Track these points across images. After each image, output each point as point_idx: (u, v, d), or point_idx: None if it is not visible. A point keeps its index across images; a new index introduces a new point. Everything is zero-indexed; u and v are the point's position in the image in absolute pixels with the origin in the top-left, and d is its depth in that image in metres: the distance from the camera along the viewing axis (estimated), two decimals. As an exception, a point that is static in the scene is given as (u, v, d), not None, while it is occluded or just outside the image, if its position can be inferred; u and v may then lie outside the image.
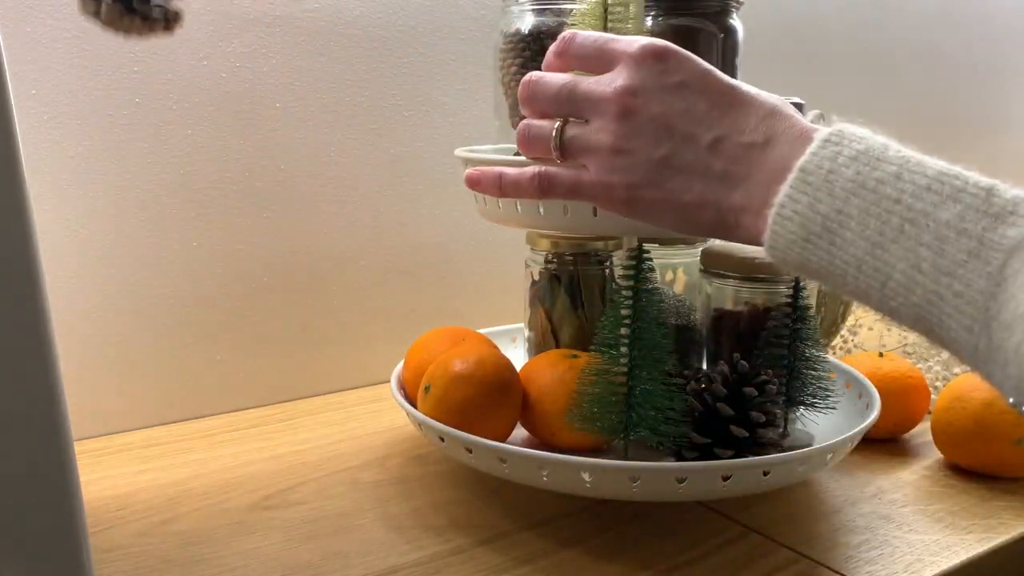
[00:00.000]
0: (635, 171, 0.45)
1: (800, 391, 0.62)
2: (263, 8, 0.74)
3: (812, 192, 0.39)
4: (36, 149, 0.67)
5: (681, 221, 0.45)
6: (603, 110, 0.46)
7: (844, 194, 0.38)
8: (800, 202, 0.39)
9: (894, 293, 0.38)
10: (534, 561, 0.53)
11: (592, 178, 0.47)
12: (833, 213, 0.38)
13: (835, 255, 0.39)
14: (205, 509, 0.60)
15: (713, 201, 0.43)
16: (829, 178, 0.39)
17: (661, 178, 0.44)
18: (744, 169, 0.42)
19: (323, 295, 0.82)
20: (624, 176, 0.45)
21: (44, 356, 0.36)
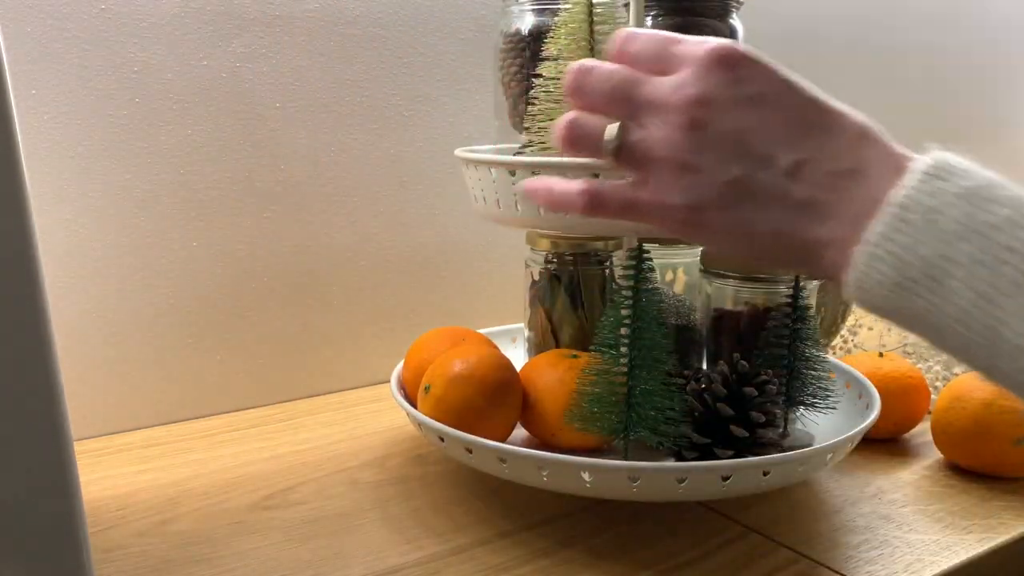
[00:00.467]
0: (701, 192, 0.39)
1: (800, 391, 0.62)
2: (263, 8, 0.74)
3: (912, 232, 0.35)
4: (36, 149, 0.67)
5: (752, 251, 0.41)
6: (668, 119, 0.40)
7: (950, 237, 0.34)
8: (896, 242, 0.35)
9: (1005, 354, 0.33)
10: (534, 561, 0.53)
11: (649, 197, 0.41)
12: (937, 258, 0.34)
13: (935, 304, 0.34)
14: (205, 509, 0.60)
15: (790, 233, 0.39)
16: (932, 217, 0.34)
17: (731, 203, 0.39)
18: (829, 199, 0.37)
19: (323, 295, 0.82)
20: (688, 196, 0.40)
21: (44, 356, 0.36)
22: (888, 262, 0.35)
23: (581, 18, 0.55)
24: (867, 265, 0.36)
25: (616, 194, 0.43)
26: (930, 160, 0.36)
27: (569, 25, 0.55)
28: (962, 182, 0.35)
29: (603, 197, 0.43)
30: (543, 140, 0.57)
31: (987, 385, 0.64)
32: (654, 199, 0.41)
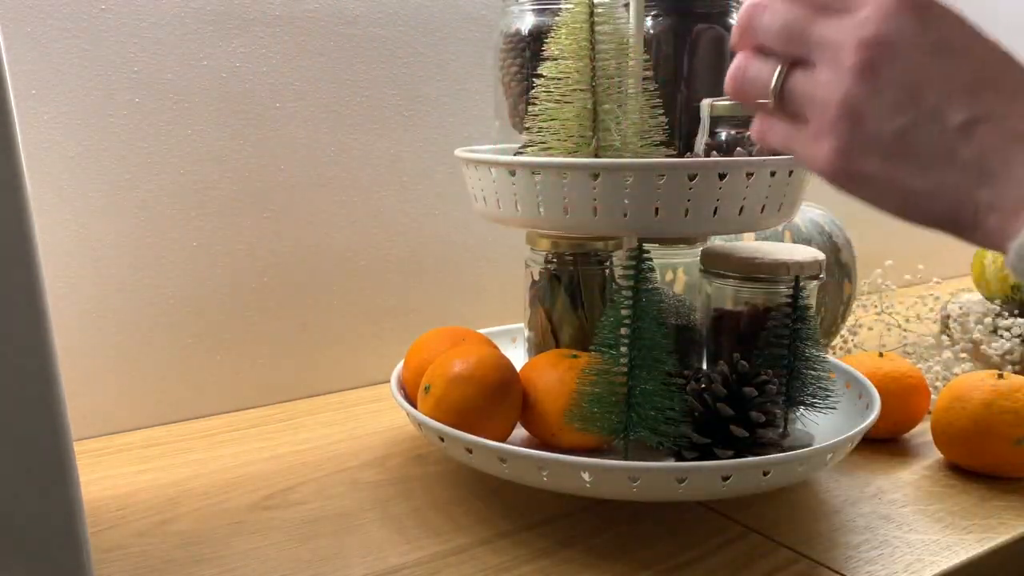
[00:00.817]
0: (859, 139, 0.37)
1: (800, 391, 0.62)
2: (263, 8, 0.74)
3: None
4: (36, 149, 0.67)
5: (904, 207, 0.38)
6: (839, 59, 0.37)
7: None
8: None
9: None
10: (534, 561, 0.53)
11: (807, 136, 0.39)
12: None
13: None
14: (205, 509, 0.60)
15: (952, 193, 0.36)
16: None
17: (892, 155, 0.37)
18: (1001, 162, 0.35)
19: (323, 295, 0.82)
20: (845, 142, 0.38)
21: (44, 356, 0.36)
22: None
23: (582, 18, 0.55)
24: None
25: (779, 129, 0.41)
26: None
27: (570, 25, 0.55)
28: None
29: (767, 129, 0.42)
30: (544, 140, 0.57)
31: (987, 385, 0.64)
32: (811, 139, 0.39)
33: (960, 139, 0.36)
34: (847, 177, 0.39)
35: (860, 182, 0.39)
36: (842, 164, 0.38)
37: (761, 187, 0.56)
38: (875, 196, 0.39)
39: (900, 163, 0.37)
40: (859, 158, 0.38)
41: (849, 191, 0.39)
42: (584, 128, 0.56)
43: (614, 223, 0.56)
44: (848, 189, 0.39)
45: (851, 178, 0.39)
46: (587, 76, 0.55)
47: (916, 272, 1.13)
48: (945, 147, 0.36)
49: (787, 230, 0.83)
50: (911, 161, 0.37)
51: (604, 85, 0.55)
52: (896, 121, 0.37)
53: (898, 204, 0.38)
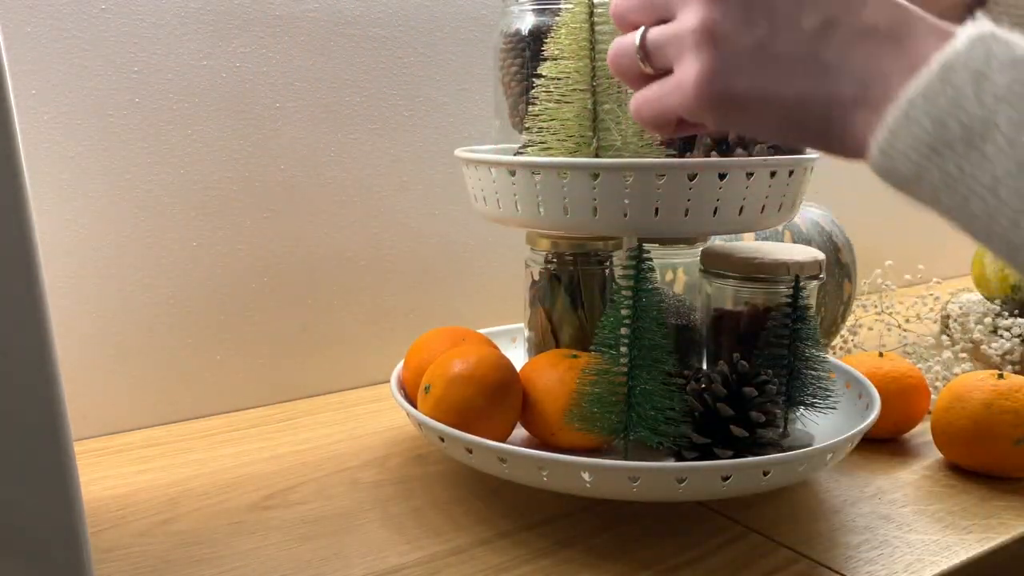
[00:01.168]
0: (721, 58, 0.38)
1: (800, 391, 0.62)
2: (263, 8, 0.74)
3: (954, 94, 0.33)
4: (36, 149, 0.67)
5: (780, 124, 0.38)
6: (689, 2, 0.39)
7: (994, 101, 0.32)
8: (936, 102, 0.33)
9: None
10: (534, 561, 0.53)
11: (674, 78, 0.40)
12: (977, 122, 0.32)
13: (966, 171, 0.33)
14: (205, 509, 0.60)
15: (822, 96, 0.37)
16: (978, 81, 0.32)
17: (755, 67, 0.37)
18: (861, 59, 0.36)
19: (323, 295, 0.82)
20: (708, 63, 0.38)
21: (44, 356, 0.36)
22: (925, 123, 0.33)
23: (582, 18, 0.55)
24: (901, 125, 0.34)
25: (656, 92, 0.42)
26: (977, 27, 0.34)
27: (570, 25, 0.55)
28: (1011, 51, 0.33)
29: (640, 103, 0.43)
30: (544, 140, 0.57)
31: (987, 385, 0.64)
32: (679, 78, 0.40)
33: (819, 41, 0.36)
34: (720, 101, 0.39)
35: (733, 105, 0.39)
36: (712, 88, 0.38)
37: (761, 187, 0.56)
38: (752, 118, 0.39)
39: (766, 75, 0.37)
40: (726, 77, 0.38)
41: (726, 118, 0.40)
42: (584, 128, 0.56)
43: (614, 223, 0.56)
44: (724, 116, 0.39)
45: (724, 101, 0.39)
46: (587, 76, 0.55)
47: (916, 272, 1.13)
48: (806, 51, 0.37)
49: (787, 230, 0.83)
50: (776, 70, 0.37)
51: (604, 85, 0.55)
52: (753, 33, 0.37)
53: (775, 121, 0.38)
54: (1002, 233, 0.33)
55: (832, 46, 0.36)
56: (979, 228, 0.34)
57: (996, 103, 0.32)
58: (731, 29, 0.38)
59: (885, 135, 0.35)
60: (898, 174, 0.35)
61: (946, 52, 0.34)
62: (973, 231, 0.34)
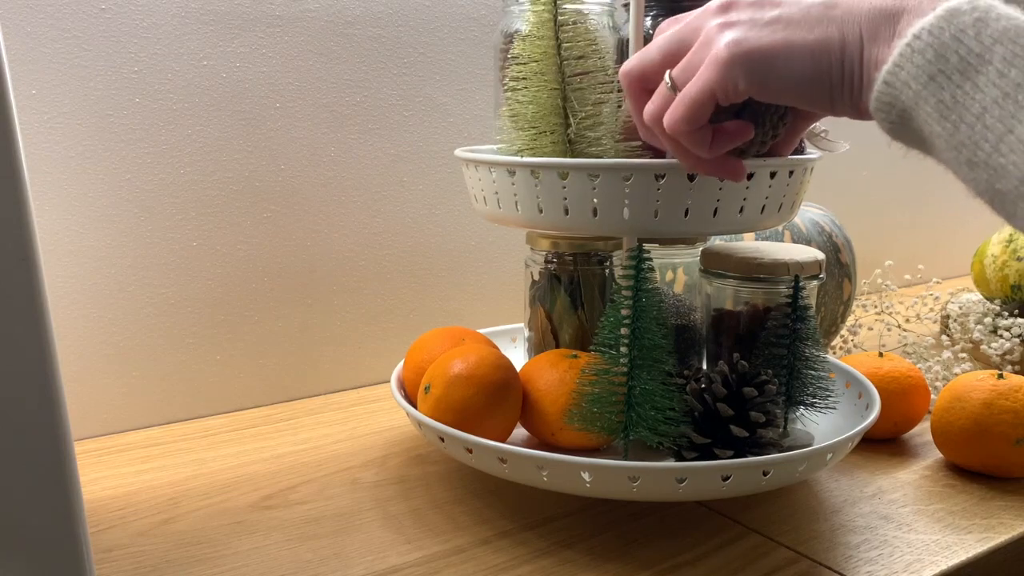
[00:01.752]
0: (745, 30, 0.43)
1: (800, 391, 0.62)
2: (263, 8, 0.74)
3: (955, 30, 0.36)
4: (36, 149, 0.67)
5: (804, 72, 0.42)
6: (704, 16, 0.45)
7: (990, 41, 0.36)
8: (939, 36, 0.37)
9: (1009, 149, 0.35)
10: (534, 561, 0.53)
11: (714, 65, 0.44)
12: (974, 56, 0.36)
13: (959, 100, 0.36)
14: (205, 509, 0.60)
15: (836, 39, 0.41)
16: (978, 23, 0.36)
17: (775, 30, 0.43)
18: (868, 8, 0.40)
19: (323, 295, 0.82)
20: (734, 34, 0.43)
21: (44, 356, 0.36)
22: (928, 54, 0.37)
23: (547, 17, 0.55)
24: (907, 57, 0.38)
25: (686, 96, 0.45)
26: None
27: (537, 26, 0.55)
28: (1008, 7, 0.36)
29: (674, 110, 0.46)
30: (511, 142, 0.57)
31: (987, 385, 0.64)
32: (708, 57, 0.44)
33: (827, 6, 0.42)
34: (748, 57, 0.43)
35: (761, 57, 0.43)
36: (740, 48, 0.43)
37: (761, 187, 0.56)
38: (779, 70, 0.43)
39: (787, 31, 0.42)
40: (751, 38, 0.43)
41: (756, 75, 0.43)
42: (549, 115, 0.56)
43: (614, 223, 0.56)
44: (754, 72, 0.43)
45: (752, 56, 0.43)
46: (554, 69, 0.55)
47: (916, 272, 1.13)
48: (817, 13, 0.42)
49: (787, 230, 0.83)
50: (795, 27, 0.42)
51: (572, 82, 0.56)
52: (769, 13, 0.43)
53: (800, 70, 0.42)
54: (984, 158, 0.36)
55: (839, 6, 0.41)
56: (964, 157, 0.37)
57: (992, 42, 0.36)
58: (746, 16, 0.43)
59: (890, 67, 0.38)
60: (900, 106, 0.39)
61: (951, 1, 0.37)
62: (958, 161, 0.38)
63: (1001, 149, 0.35)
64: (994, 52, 0.36)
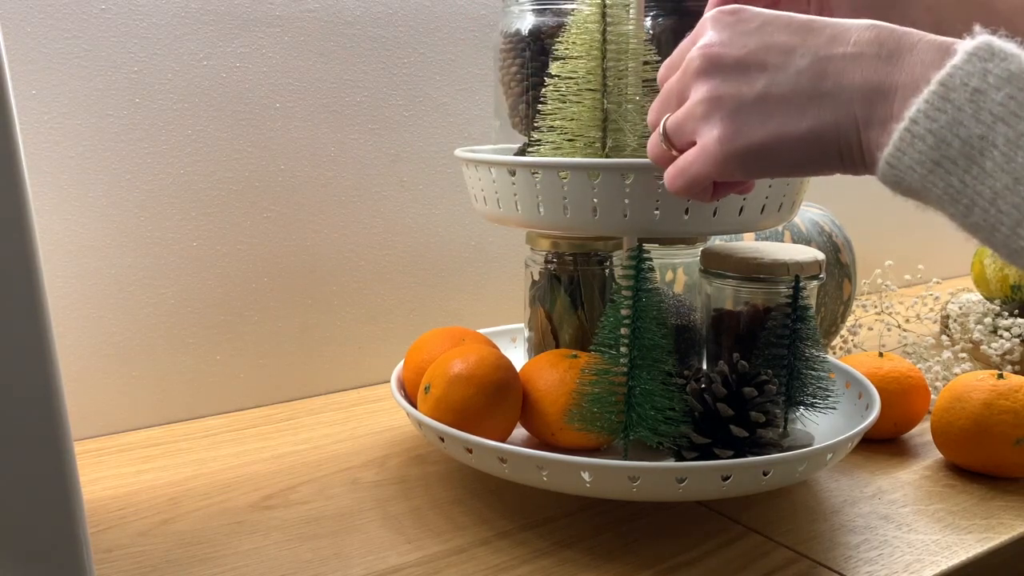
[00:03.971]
0: (734, 118, 0.41)
1: (800, 391, 0.62)
2: (263, 8, 0.74)
3: (954, 111, 0.35)
4: (36, 149, 0.67)
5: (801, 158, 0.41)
6: (690, 75, 0.43)
7: (991, 119, 0.34)
8: (937, 120, 0.35)
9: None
10: (534, 561, 0.53)
11: (698, 147, 0.43)
12: (976, 139, 0.34)
13: (969, 185, 0.35)
14: (205, 509, 0.60)
15: (830, 124, 0.39)
16: (976, 98, 0.35)
17: (764, 116, 0.40)
18: (860, 83, 0.38)
19: (323, 295, 0.82)
20: (724, 127, 0.41)
21: (44, 356, 0.36)
22: (928, 140, 0.35)
23: (594, 18, 0.55)
24: (906, 142, 0.36)
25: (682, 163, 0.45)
26: (976, 42, 0.36)
27: (582, 25, 0.55)
28: (1008, 65, 0.35)
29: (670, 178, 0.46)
30: (552, 140, 0.57)
31: (987, 385, 0.64)
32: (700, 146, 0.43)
33: (815, 76, 0.39)
34: (742, 155, 0.42)
35: (755, 154, 0.41)
36: (733, 146, 0.41)
37: (761, 187, 0.56)
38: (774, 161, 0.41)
39: (776, 118, 0.40)
40: (742, 133, 0.41)
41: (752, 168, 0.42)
42: (594, 128, 0.56)
43: (614, 223, 0.56)
44: (749, 166, 0.42)
45: (745, 154, 0.41)
46: (598, 76, 0.55)
47: (916, 272, 1.13)
48: (807, 87, 0.39)
49: (787, 230, 0.83)
50: (784, 112, 0.40)
51: (614, 85, 0.55)
52: (754, 87, 0.41)
53: (796, 157, 0.41)
54: (1003, 240, 0.35)
55: (828, 78, 0.39)
56: (983, 236, 0.36)
57: (994, 121, 0.34)
58: (733, 90, 0.41)
59: (891, 151, 0.37)
60: (906, 186, 0.37)
61: (945, 69, 0.35)
62: (978, 237, 0.37)
63: (1020, 232, 0.34)
64: (996, 133, 0.34)
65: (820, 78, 0.39)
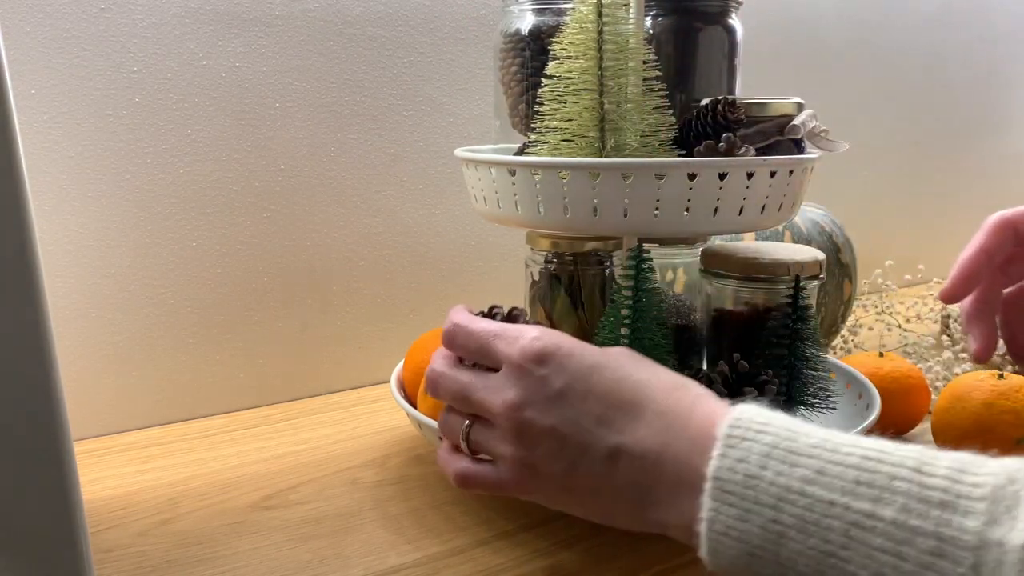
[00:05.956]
0: (546, 486, 0.44)
1: (800, 391, 0.61)
2: (263, 8, 0.74)
3: (737, 503, 0.36)
4: (36, 149, 0.67)
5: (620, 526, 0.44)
6: (498, 423, 0.45)
7: (772, 500, 0.36)
8: (728, 515, 0.37)
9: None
10: (533, 561, 0.53)
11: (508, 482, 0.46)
12: (769, 524, 0.36)
13: (787, 567, 0.36)
14: (205, 509, 0.60)
15: (634, 518, 0.42)
16: (750, 484, 0.36)
17: (572, 494, 0.43)
18: (652, 482, 0.40)
19: (323, 295, 0.82)
20: (537, 486, 0.45)
21: (44, 356, 0.36)
22: (731, 536, 0.37)
23: (591, 18, 0.54)
24: (714, 542, 0.37)
25: (482, 478, 0.47)
26: (730, 418, 0.38)
27: (578, 25, 0.55)
28: (763, 438, 0.37)
29: (472, 481, 0.48)
30: (549, 140, 0.57)
31: (987, 385, 0.64)
32: (515, 486, 0.46)
33: (611, 468, 0.41)
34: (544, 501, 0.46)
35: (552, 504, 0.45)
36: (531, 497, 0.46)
37: (761, 187, 0.56)
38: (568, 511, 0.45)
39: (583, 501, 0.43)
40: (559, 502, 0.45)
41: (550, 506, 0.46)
42: (591, 128, 0.56)
43: (614, 223, 0.56)
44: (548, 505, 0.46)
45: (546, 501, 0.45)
46: (595, 75, 0.55)
47: (916, 272, 1.13)
48: (604, 479, 0.42)
49: (787, 230, 0.83)
50: (586, 495, 0.43)
51: (612, 85, 0.55)
52: (559, 464, 0.43)
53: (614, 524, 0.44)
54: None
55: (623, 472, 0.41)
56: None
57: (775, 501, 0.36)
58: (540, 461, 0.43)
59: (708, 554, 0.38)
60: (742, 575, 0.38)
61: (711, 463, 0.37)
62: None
63: None
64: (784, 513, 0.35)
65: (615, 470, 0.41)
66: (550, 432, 0.43)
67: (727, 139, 0.55)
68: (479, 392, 0.46)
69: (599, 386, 0.43)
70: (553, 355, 0.44)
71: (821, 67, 1.14)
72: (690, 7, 0.61)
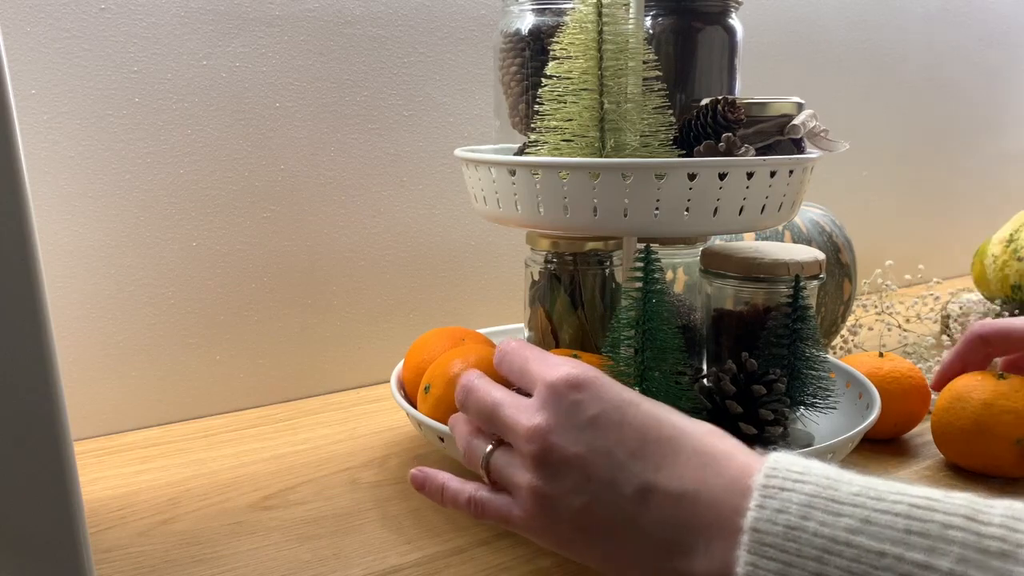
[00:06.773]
0: (560, 521, 0.41)
1: (800, 391, 0.61)
2: (263, 8, 0.74)
3: (778, 555, 0.34)
4: (36, 149, 0.67)
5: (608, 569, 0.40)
6: (520, 445, 0.43)
7: (817, 553, 0.33)
8: (768, 570, 0.34)
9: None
10: (534, 561, 0.53)
11: (520, 517, 0.43)
12: None
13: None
14: (205, 509, 0.60)
15: (659, 568, 0.38)
16: (791, 536, 0.34)
17: (588, 533, 0.40)
18: (682, 524, 0.37)
19: (323, 295, 0.82)
20: (550, 524, 0.42)
21: (44, 356, 0.36)
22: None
23: (591, 18, 0.54)
24: None
25: (494, 508, 0.45)
26: (767, 466, 0.36)
27: (579, 24, 0.55)
28: (803, 488, 0.35)
29: (484, 510, 0.46)
30: (547, 140, 0.57)
31: (987, 385, 0.64)
32: (525, 523, 0.43)
33: (638, 507, 0.38)
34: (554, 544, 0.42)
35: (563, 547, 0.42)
36: (542, 537, 0.43)
37: (761, 187, 0.56)
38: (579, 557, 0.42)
39: (600, 542, 0.40)
40: (571, 543, 0.41)
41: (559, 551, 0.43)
42: (591, 128, 0.55)
43: (614, 223, 0.56)
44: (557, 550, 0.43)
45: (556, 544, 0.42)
46: (595, 76, 0.55)
47: (916, 272, 1.13)
48: (628, 519, 0.39)
49: (787, 230, 0.83)
50: (607, 538, 0.39)
51: (612, 85, 0.55)
52: (579, 498, 0.40)
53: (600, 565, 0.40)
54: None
55: (652, 513, 0.38)
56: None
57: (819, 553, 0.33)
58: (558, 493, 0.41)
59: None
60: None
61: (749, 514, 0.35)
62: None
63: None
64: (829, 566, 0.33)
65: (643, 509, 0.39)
66: (576, 461, 0.40)
67: (727, 139, 0.55)
68: (507, 409, 0.44)
69: (635, 419, 0.41)
70: (591, 383, 0.42)
71: (821, 67, 1.15)
72: (690, 7, 0.61)
